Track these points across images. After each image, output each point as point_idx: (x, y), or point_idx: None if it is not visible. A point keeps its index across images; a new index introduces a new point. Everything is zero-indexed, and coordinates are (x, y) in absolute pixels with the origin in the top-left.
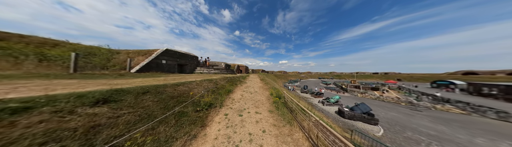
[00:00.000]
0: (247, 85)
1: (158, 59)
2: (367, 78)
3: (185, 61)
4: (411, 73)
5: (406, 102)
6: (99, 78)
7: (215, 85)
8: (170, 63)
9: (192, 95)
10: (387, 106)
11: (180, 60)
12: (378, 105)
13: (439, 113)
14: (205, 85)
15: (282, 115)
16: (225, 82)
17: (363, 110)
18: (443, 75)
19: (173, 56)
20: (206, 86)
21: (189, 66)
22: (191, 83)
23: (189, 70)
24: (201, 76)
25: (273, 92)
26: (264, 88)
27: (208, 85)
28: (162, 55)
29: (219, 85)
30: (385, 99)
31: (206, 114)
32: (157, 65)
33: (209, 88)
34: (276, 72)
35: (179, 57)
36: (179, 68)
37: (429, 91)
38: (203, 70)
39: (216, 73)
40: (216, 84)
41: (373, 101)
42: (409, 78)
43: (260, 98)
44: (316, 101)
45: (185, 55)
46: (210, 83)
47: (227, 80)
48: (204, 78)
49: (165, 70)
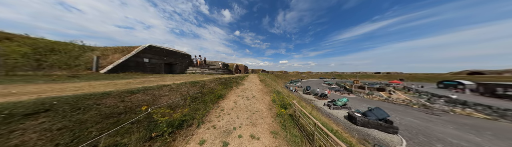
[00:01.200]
0: (245, 87)
1: (138, 58)
2: (368, 77)
3: (175, 60)
4: (413, 73)
5: (419, 105)
6: (18, 82)
7: (200, 89)
8: (155, 62)
9: (143, 111)
10: (398, 109)
11: (169, 59)
12: (388, 107)
13: (461, 118)
14: (184, 90)
15: (292, 141)
16: (216, 85)
17: (379, 116)
18: (447, 74)
19: (159, 54)
20: (186, 92)
21: (180, 66)
22: (161, 89)
23: (179, 70)
24: (189, 77)
25: (275, 97)
26: (264, 91)
27: (190, 90)
28: (144, 52)
29: (207, 89)
30: (394, 100)
31: (165, 144)
32: (138, 65)
33: (190, 94)
34: (276, 72)
35: (167, 56)
36: (167, 68)
37: (437, 91)
38: (195, 70)
39: (211, 73)
40: (203, 88)
41: (381, 103)
42: (412, 77)
43: (259, 107)
44: (321, 103)
45: (175, 53)
46: (194, 86)
47: (220, 81)
48: (190, 80)
49: (147, 71)
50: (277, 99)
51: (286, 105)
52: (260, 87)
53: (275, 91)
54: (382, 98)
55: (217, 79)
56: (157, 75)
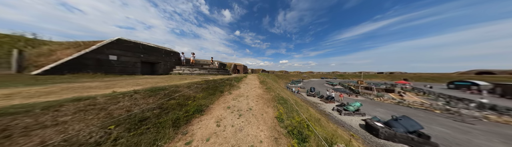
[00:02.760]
0: (240, 92)
1: (100, 54)
2: (371, 77)
3: (156, 58)
4: (418, 73)
5: (442, 109)
6: None
7: (163, 100)
8: (126, 60)
9: None
10: (419, 115)
11: (148, 56)
12: (406, 112)
13: (500, 127)
14: (122, 106)
15: None
16: (199, 90)
17: (409, 128)
18: (453, 74)
19: (133, 50)
20: (125, 109)
21: (164, 65)
22: (63, 106)
23: (163, 71)
24: (164, 79)
25: (282, 111)
26: (265, 98)
27: (137, 105)
28: (109, 48)
29: (176, 100)
30: (410, 104)
31: None
32: (99, 63)
33: (130, 114)
34: (277, 72)
35: (146, 53)
36: (146, 67)
37: (449, 92)
38: (183, 70)
39: (201, 74)
40: (169, 98)
41: (395, 106)
42: (416, 77)
43: (256, 134)
44: (328, 107)
45: (156, 50)
46: (152, 97)
47: (206, 85)
48: (156, 85)
49: (115, 71)
50: (285, 114)
51: (302, 129)
52: (260, 92)
53: (280, 98)
54: (394, 101)
55: (203, 82)
56: (120, 77)
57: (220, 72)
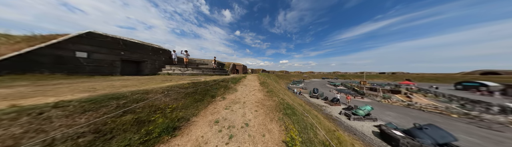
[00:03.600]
0: (236, 96)
1: (62, 50)
2: (373, 78)
3: (141, 56)
4: (421, 73)
5: (459, 114)
6: None
7: (114, 114)
8: (100, 58)
9: None
10: (435, 120)
11: (130, 54)
12: (419, 116)
13: None
14: (11, 134)
15: None
16: (180, 97)
17: (438, 139)
18: (458, 75)
19: (110, 46)
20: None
21: (151, 64)
22: None
23: (149, 71)
24: (140, 81)
25: (294, 129)
26: (267, 106)
27: (43, 131)
28: (76, 43)
29: (134, 115)
30: (423, 107)
31: None
32: (61, 61)
33: None
34: (277, 72)
35: (128, 50)
36: (129, 67)
37: (457, 94)
38: (173, 70)
39: (194, 74)
40: (123, 108)
41: (407, 110)
42: (419, 78)
43: None
44: (334, 110)
45: (141, 46)
46: (85, 114)
47: (192, 89)
48: (114, 91)
49: (85, 71)
50: (298, 136)
51: None
52: (260, 96)
53: (286, 106)
54: (404, 103)
55: (190, 85)
56: (83, 79)
57: (216, 72)
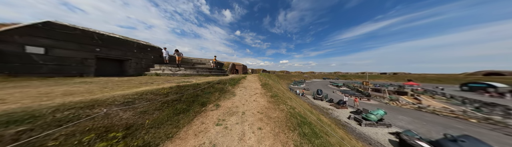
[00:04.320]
0: (233, 103)
1: (5, 44)
2: (374, 78)
3: (124, 53)
4: (422, 73)
5: (479, 118)
6: None
7: None
8: (65, 54)
9: None
10: (454, 126)
11: (108, 51)
12: (435, 121)
13: None
14: None
15: None
16: (156, 108)
17: None
18: (460, 75)
19: (80, 41)
20: None
21: (136, 63)
22: None
23: (134, 70)
24: (115, 84)
25: None
26: (274, 118)
27: None
28: (25, 35)
29: None
30: (437, 110)
31: None
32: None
33: None
34: (278, 72)
35: (106, 46)
36: (107, 66)
37: (464, 95)
38: (163, 70)
39: (187, 75)
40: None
41: (419, 113)
42: (421, 78)
43: None
44: (342, 114)
45: (123, 42)
46: None
47: (175, 96)
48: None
49: (41, 71)
50: None
51: None
52: (263, 103)
53: (301, 120)
54: (414, 106)
55: (172, 90)
56: (17, 83)
57: (213, 72)
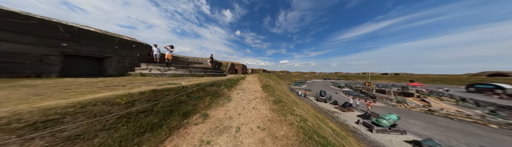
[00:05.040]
0: (225, 112)
1: None
2: (376, 78)
3: (103, 50)
4: (425, 74)
5: (501, 124)
6: None
7: None
8: (15, 49)
9: None
10: (474, 132)
11: (80, 46)
12: (451, 127)
13: None
14: None
15: None
16: (103, 128)
17: None
18: (464, 76)
19: (39, 33)
20: None
21: (118, 62)
22: None
23: (115, 70)
24: (52, 90)
25: None
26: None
27: None
28: None
29: None
30: (451, 114)
31: None
32: None
33: None
34: (278, 72)
35: (77, 40)
36: (81, 65)
37: (471, 96)
38: (150, 69)
39: (178, 75)
40: None
41: (431, 117)
42: (424, 79)
43: None
44: (349, 118)
45: (101, 37)
46: None
47: (149, 105)
48: None
49: None
50: None
51: None
52: (265, 112)
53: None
54: (424, 109)
55: (142, 96)
56: None
57: (209, 73)
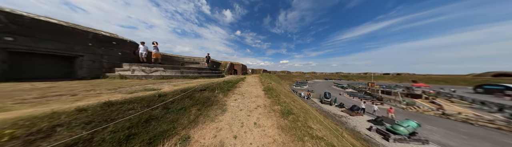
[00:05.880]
0: (215, 131)
1: None
2: (377, 79)
3: (69, 47)
4: (427, 74)
5: None
6: None
7: None
8: None
9: None
10: (504, 141)
11: (34, 42)
12: (473, 134)
13: None
14: None
15: None
16: None
17: None
18: (468, 76)
19: None
20: None
21: (92, 62)
22: None
23: (89, 71)
24: None
25: None
26: None
27: None
28: None
29: None
30: (470, 119)
31: None
32: None
33: None
34: (278, 72)
35: (29, 34)
36: (44, 65)
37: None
38: (133, 70)
39: (166, 77)
40: None
41: (448, 122)
42: (426, 79)
43: None
44: (359, 124)
45: (67, 31)
46: None
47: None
48: None
49: None
50: None
51: None
52: (273, 133)
53: None
54: (438, 112)
55: (76, 117)
56: None
57: (204, 74)
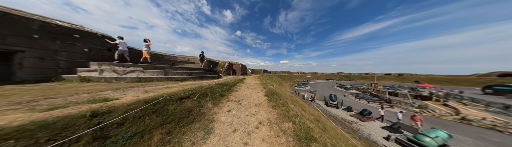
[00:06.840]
0: None
1: None
2: (379, 79)
3: (1, 38)
4: (430, 74)
5: None
6: None
7: None
8: None
9: None
10: None
11: None
12: (507, 145)
13: None
14: None
15: None
16: None
17: None
18: (472, 76)
19: None
20: None
21: (41, 60)
22: None
23: (35, 72)
24: None
25: None
26: None
27: None
28: None
29: None
30: (497, 125)
31: None
32: None
33: None
34: (279, 72)
35: None
36: None
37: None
38: (101, 71)
39: (143, 80)
40: None
41: (472, 129)
42: (429, 79)
43: None
44: (373, 131)
45: (8, 18)
46: None
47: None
48: None
49: None
50: None
51: None
52: None
53: None
54: (457, 117)
55: None
56: None
57: (196, 75)
